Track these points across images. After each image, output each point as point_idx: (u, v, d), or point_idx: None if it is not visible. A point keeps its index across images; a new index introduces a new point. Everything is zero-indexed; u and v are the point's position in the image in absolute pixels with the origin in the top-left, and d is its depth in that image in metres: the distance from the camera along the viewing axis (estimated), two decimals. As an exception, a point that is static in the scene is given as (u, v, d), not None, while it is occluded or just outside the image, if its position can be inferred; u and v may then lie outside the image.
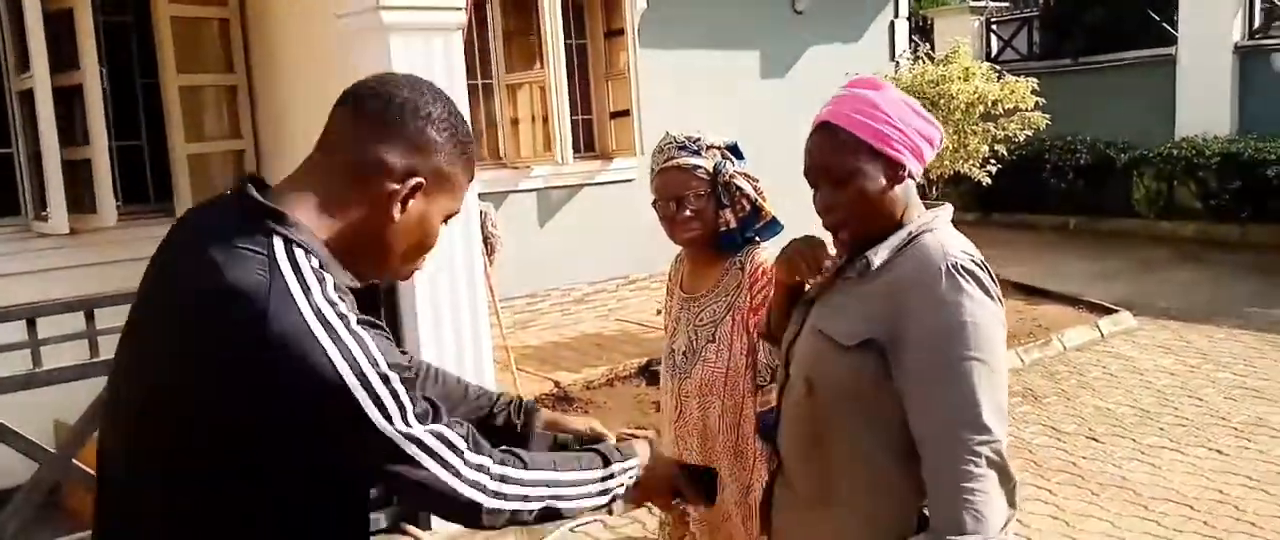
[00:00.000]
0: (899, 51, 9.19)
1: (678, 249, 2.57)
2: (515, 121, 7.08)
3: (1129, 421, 5.21)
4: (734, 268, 2.34)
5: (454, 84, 3.67)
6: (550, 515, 1.42)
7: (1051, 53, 12.87)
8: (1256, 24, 11.03)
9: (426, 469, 1.28)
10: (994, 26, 13.48)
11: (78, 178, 4.39)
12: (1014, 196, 11.02)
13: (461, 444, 1.32)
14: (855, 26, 8.84)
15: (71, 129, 4.41)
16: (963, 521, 1.50)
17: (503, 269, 5.70)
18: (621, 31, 7.21)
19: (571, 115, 6.98)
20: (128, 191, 4.78)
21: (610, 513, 1.49)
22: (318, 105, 5.15)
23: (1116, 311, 7.32)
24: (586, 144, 7.50)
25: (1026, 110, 6.93)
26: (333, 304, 1.22)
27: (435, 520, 3.76)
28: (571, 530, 4.12)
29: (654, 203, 2.37)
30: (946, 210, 1.74)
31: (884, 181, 1.65)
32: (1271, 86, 10.72)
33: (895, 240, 1.67)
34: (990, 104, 6.78)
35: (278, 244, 1.23)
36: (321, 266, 1.25)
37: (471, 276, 3.83)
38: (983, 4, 13.71)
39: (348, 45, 3.64)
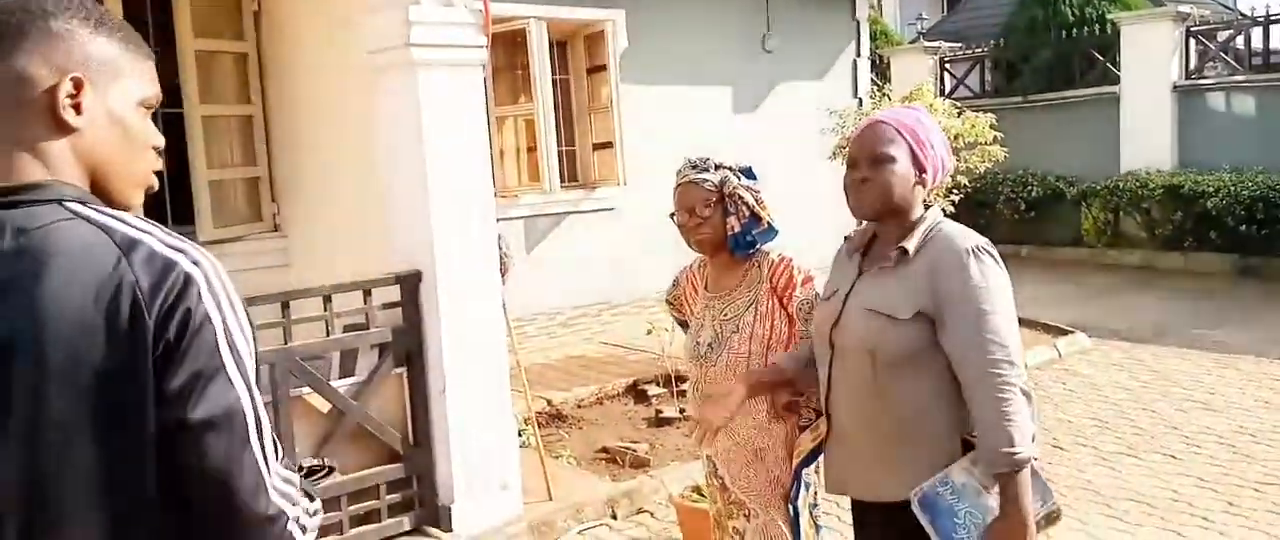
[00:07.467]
0: (861, 89, 9.66)
1: (677, 271, 3.03)
2: (501, 152, 7.36)
3: (1089, 431, 5.59)
4: (753, 268, 2.73)
5: (475, 114, 3.96)
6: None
7: (1002, 91, 13.48)
8: (1192, 65, 11.69)
9: (246, 445, 1.14)
10: (948, 66, 14.06)
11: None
12: (970, 226, 11.35)
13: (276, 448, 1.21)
14: (820, 65, 9.28)
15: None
16: (1006, 437, 1.93)
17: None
18: (604, 67, 7.54)
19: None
20: (145, 213, 4.93)
21: None
22: (334, 133, 5.48)
23: (1072, 333, 7.75)
24: (568, 174, 7.79)
25: (985, 144, 7.38)
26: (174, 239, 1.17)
27: (456, 521, 3.98)
28: (579, 533, 4.37)
29: (671, 214, 2.76)
30: (937, 210, 2.20)
31: (910, 174, 2.09)
32: (1207, 124, 11.38)
33: (923, 230, 2.11)
34: (953, 138, 7.21)
35: (75, 207, 1.14)
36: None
37: (490, 292, 4.09)
38: (937, 44, 14.33)
39: (378, 79, 3.91)
